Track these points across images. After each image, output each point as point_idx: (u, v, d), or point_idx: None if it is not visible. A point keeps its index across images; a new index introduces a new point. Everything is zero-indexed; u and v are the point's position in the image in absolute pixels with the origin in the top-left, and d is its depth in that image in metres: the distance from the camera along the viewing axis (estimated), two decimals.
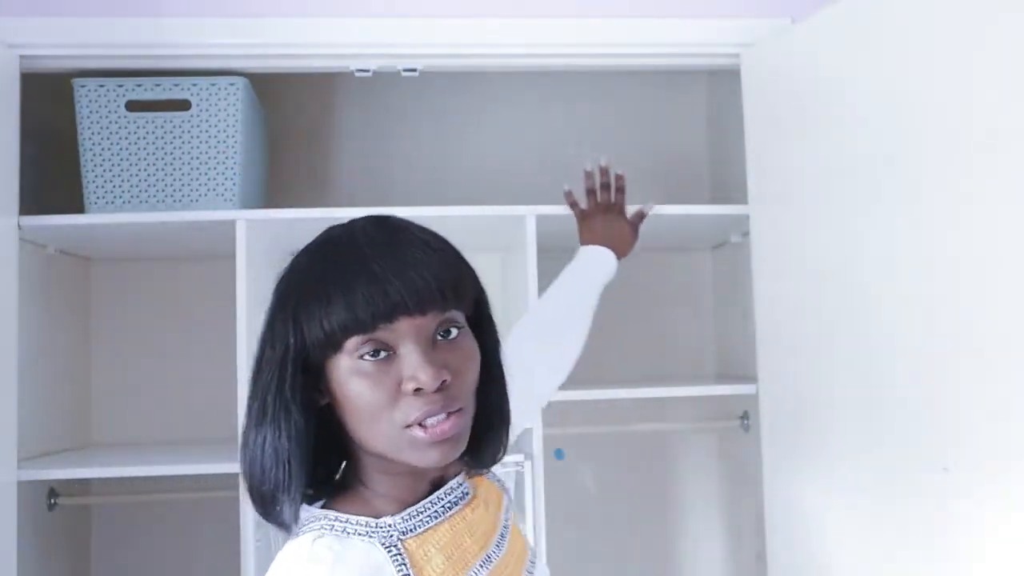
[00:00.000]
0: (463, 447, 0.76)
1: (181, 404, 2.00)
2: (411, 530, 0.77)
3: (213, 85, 1.66)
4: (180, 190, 1.67)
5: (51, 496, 1.75)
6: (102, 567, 1.97)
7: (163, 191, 1.66)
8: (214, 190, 1.67)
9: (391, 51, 1.66)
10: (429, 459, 0.73)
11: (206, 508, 1.94)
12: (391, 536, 0.75)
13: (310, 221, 1.66)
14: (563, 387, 1.70)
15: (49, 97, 1.77)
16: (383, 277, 0.70)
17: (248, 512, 1.53)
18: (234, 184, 1.67)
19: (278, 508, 0.74)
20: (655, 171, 2.17)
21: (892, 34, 1.35)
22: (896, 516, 1.34)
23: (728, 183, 2.00)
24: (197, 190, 1.67)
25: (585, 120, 2.19)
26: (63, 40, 1.58)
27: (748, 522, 1.91)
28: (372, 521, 0.75)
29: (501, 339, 0.84)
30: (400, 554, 0.74)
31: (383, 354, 0.71)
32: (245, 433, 0.75)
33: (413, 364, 0.71)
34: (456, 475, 0.82)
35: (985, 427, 1.20)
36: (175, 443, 1.95)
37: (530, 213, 1.64)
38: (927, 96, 1.30)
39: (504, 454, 0.84)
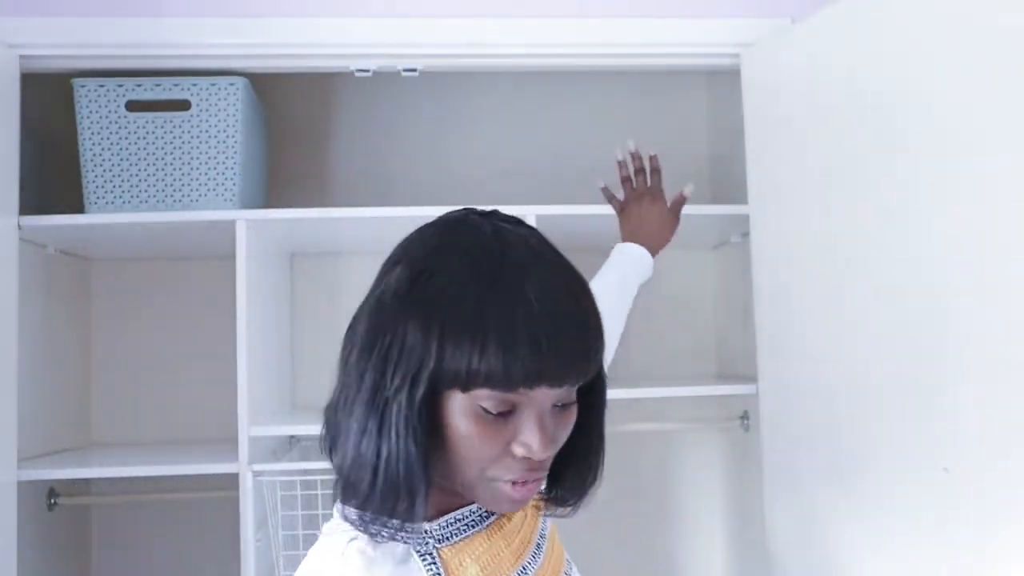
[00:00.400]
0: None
1: (181, 404, 2.00)
2: (447, 538, 0.75)
3: (213, 85, 1.66)
4: (180, 190, 1.67)
5: (51, 496, 1.75)
6: (102, 567, 1.98)
7: (163, 191, 1.66)
8: (214, 190, 1.67)
9: (391, 51, 1.66)
10: (501, 508, 0.74)
11: (206, 508, 1.94)
12: (426, 543, 0.74)
13: (310, 221, 1.66)
14: None
15: (49, 97, 1.77)
16: (544, 348, 0.67)
17: (248, 512, 1.53)
18: (234, 184, 1.67)
19: (410, 509, 0.70)
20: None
21: (892, 34, 1.35)
22: (896, 516, 1.34)
23: (728, 183, 2.00)
24: (197, 190, 1.67)
25: (585, 120, 2.19)
26: (63, 40, 1.58)
27: (748, 522, 1.91)
28: (409, 526, 0.72)
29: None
30: (435, 563, 0.73)
31: (504, 411, 0.69)
32: (356, 437, 0.71)
33: (531, 433, 0.69)
34: None
35: (985, 427, 1.19)
36: (175, 443, 1.96)
37: (530, 213, 1.64)
38: (927, 96, 1.30)
39: (579, 507, 0.81)
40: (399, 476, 0.68)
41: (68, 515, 1.86)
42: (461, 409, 0.69)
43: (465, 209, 0.77)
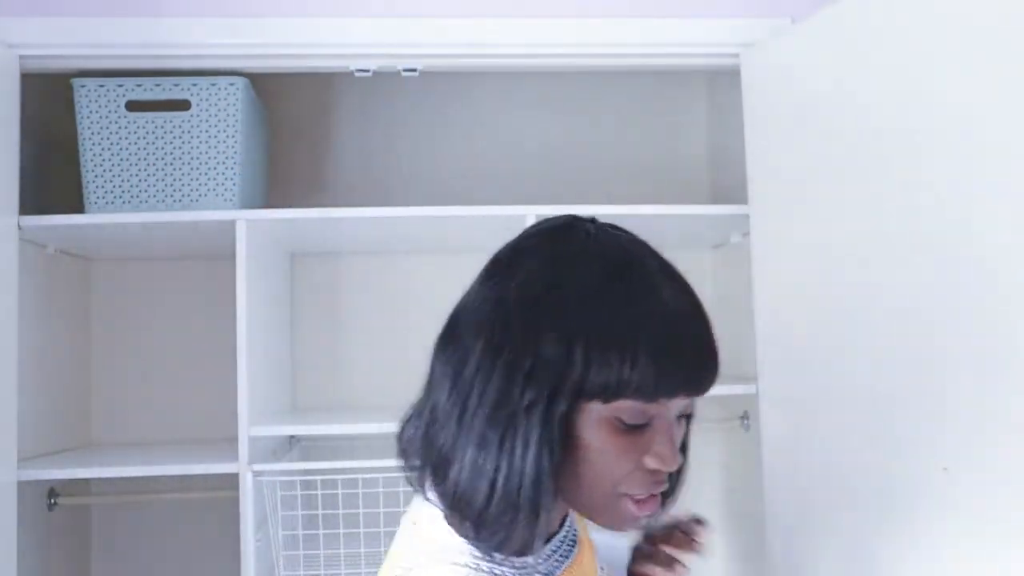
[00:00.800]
0: None
1: (181, 404, 2.00)
2: (549, 572, 0.74)
3: (213, 85, 1.66)
4: (180, 190, 1.67)
5: (51, 496, 1.75)
6: (102, 567, 1.97)
7: (163, 191, 1.66)
8: (214, 190, 1.67)
9: (391, 51, 1.66)
10: (623, 527, 0.73)
11: (206, 508, 1.94)
12: (526, 569, 0.72)
13: (310, 221, 1.66)
14: None
15: (49, 97, 1.77)
16: (690, 356, 0.67)
17: (248, 512, 1.53)
18: (234, 184, 1.68)
19: (530, 528, 0.67)
20: (655, 171, 2.17)
21: (892, 34, 1.35)
22: (896, 516, 1.34)
23: (728, 183, 2.00)
24: (197, 190, 1.67)
25: (585, 120, 2.19)
26: (63, 40, 1.58)
27: (748, 522, 1.91)
28: (516, 561, 0.70)
29: None
30: None
31: (641, 423, 0.68)
32: (475, 454, 0.67)
33: (664, 445, 0.69)
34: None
35: (985, 427, 1.19)
36: (175, 443, 1.95)
37: (530, 213, 1.64)
38: (927, 96, 1.30)
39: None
40: (522, 492, 0.65)
41: (68, 515, 1.86)
42: (598, 422, 0.67)
43: (570, 216, 0.76)
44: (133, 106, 1.66)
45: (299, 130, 2.12)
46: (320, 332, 2.06)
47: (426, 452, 0.71)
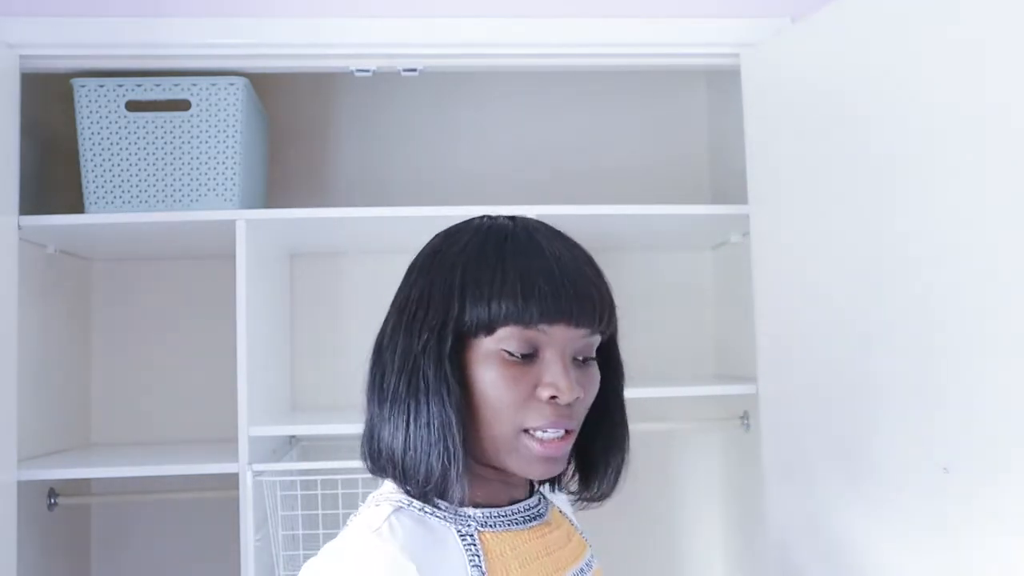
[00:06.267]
0: (562, 469, 0.77)
1: (181, 404, 2.00)
2: (490, 526, 0.77)
3: (213, 85, 1.66)
4: (180, 190, 1.67)
5: (51, 496, 1.75)
6: (102, 567, 1.98)
7: (163, 191, 1.66)
8: (214, 190, 1.67)
9: (391, 51, 1.66)
10: (531, 471, 0.75)
11: (206, 508, 1.94)
12: (468, 526, 0.75)
13: (310, 221, 1.66)
14: None
15: (49, 97, 1.77)
16: (561, 280, 0.72)
17: (248, 512, 1.53)
18: (234, 184, 1.68)
19: (447, 483, 0.72)
20: (655, 171, 2.17)
21: (892, 34, 1.35)
22: (896, 516, 1.34)
23: (728, 183, 2.00)
24: (197, 190, 1.67)
25: (585, 120, 2.20)
26: (63, 40, 1.58)
27: (748, 522, 1.91)
28: (452, 507, 0.75)
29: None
30: (475, 543, 0.74)
31: (527, 354, 0.73)
32: (390, 408, 0.74)
33: (556, 373, 0.72)
34: (531, 497, 0.83)
35: (985, 427, 1.19)
36: (175, 443, 1.96)
37: (530, 213, 1.62)
38: (927, 95, 1.30)
39: (614, 490, 0.85)
40: (431, 432, 0.71)
41: (68, 515, 1.86)
42: (487, 356, 0.72)
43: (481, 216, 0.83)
44: (133, 106, 1.66)
45: (299, 130, 2.12)
46: (320, 332, 2.05)
47: (369, 438, 0.78)
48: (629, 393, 1.72)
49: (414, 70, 1.70)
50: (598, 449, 0.82)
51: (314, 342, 2.05)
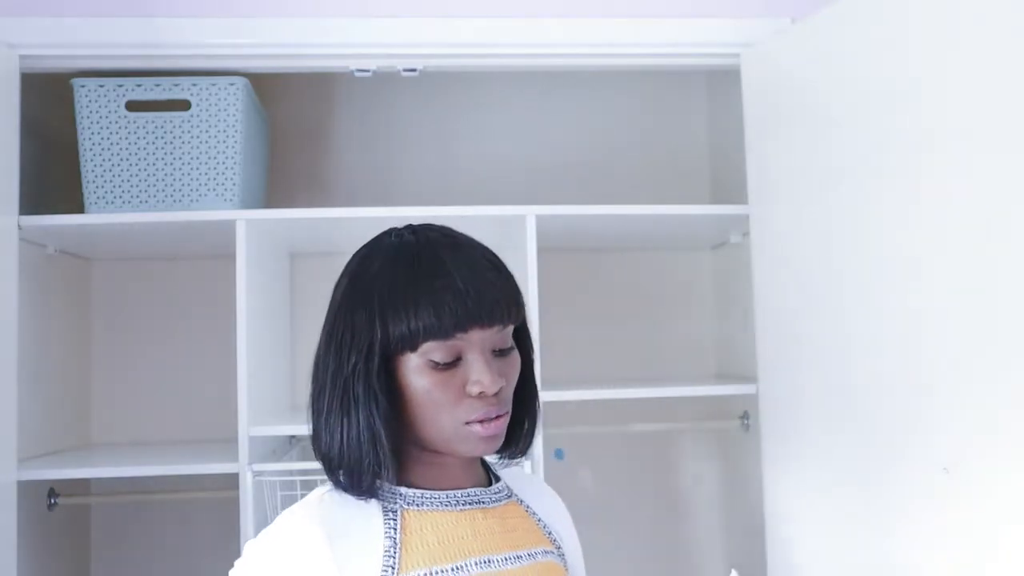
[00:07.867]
0: (501, 443, 0.86)
1: (181, 404, 2.00)
2: (416, 504, 0.84)
3: (213, 85, 1.66)
4: (180, 190, 1.67)
5: (51, 496, 1.75)
6: (102, 567, 1.97)
7: (163, 191, 1.66)
8: (214, 190, 1.67)
9: (391, 51, 1.66)
10: (478, 451, 0.84)
11: (206, 508, 1.94)
12: (396, 503, 0.84)
13: (310, 221, 1.66)
14: (563, 387, 1.71)
15: (49, 97, 1.77)
16: (465, 292, 0.80)
17: (248, 512, 1.53)
18: (234, 184, 1.67)
19: (376, 483, 0.83)
20: (655, 171, 2.17)
21: (892, 34, 1.35)
22: (896, 516, 1.34)
23: (728, 183, 2.00)
24: (197, 190, 1.67)
25: (585, 120, 2.20)
26: (63, 40, 1.58)
27: (748, 522, 1.91)
28: (384, 485, 0.84)
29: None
30: (395, 519, 0.82)
31: (451, 360, 0.81)
32: (326, 419, 0.83)
33: (479, 371, 0.81)
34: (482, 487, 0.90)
35: (985, 427, 1.19)
36: (175, 443, 1.95)
37: (530, 213, 1.64)
38: (926, 95, 1.30)
39: (530, 445, 0.94)
40: (362, 441, 0.81)
41: (68, 515, 1.86)
42: (416, 369, 0.81)
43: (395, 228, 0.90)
44: (133, 106, 1.66)
45: (299, 130, 2.12)
46: (320, 332, 2.05)
47: (315, 442, 0.86)
48: (629, 393, 1.74)
49: (414, 70, 1.70)
50: (518, 414, 0.90)
51: (314, 342, 2.04)
